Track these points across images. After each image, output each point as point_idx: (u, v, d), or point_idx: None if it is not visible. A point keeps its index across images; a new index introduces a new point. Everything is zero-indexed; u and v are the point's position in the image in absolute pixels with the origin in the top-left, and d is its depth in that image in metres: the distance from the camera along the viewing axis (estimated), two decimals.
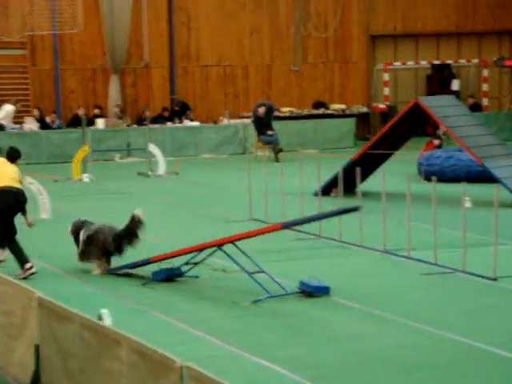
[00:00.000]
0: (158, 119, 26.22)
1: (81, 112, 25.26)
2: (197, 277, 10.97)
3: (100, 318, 8.27)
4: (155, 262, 10.88)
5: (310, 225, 13.60)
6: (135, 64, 27.34)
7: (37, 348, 7.02)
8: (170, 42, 27.54)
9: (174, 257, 10.77)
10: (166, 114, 26.50)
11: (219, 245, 10.43)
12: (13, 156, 11.74)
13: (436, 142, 21.37)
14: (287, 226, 9.70)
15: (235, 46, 28.23)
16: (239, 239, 10.32)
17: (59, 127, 25.24)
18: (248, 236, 10.34)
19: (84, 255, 11.41)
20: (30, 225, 11.64)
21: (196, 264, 10.85)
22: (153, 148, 21.50)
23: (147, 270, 11.03)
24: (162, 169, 21.24)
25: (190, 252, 10.70)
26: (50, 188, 16.46)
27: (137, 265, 11.14)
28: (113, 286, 10.72)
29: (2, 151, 13.20)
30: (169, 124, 26.04)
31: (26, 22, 25.20)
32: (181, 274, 10.96)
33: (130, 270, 11.25)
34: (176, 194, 18.13)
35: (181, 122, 26.43)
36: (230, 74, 28.28)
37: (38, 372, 7.05)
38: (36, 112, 25.39)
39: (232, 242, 10.33)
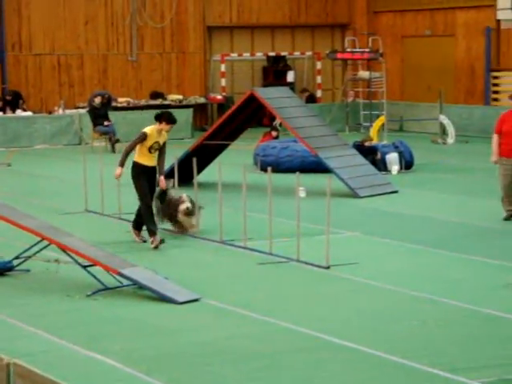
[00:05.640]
0: None
1: None
2: (28, 270, 10.68)
3: None
4: None
5: None
6: None
7: None
8: (0, 29, 26.67)
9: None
10: None
11: (52, 241, 10.16)
12: None
13: (274, 133, 21.67)
14: (122, 275, 9.68)
15: (69, 35, 27.65)
16: (77, 254, 10.01)
17: None
18: (78, 254, 10.02)
19: None
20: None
21: (28, 258, 10.56)
22: None
23: None
24: None
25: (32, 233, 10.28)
26: None
27: None
28: None
29: None
30: (0, 114, 25.23)
31: None
32: (11, 268, 10.64)
33: None
34: (8, 186, 17.60)
35: (13, 112, 25.67)
36: (64, 63, 27.68)
37: None
38: None
39: (65, 250, 10.06)
